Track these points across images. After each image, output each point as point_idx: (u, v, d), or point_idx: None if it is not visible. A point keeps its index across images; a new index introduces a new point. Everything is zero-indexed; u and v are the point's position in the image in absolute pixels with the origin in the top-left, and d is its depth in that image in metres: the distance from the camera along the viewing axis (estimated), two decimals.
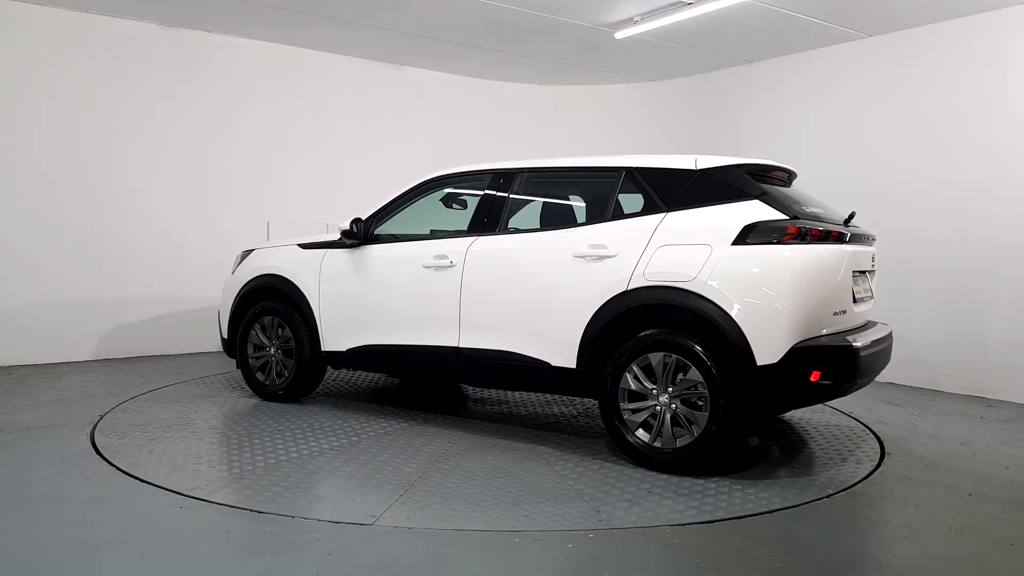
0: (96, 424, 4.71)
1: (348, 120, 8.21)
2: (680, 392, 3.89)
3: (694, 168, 4.12)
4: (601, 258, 4.09)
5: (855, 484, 3.89)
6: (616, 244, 4.07)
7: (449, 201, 5.12)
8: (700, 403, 3.84)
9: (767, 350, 3.69)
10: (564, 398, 5.76)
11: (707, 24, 6.62)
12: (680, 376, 3.88)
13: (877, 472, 4.11)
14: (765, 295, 3.72)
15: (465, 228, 4.80)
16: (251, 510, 3.34)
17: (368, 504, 3.46)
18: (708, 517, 3.37)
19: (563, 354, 4.19)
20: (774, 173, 4.35)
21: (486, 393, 5.86)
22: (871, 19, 6.46)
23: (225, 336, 5.64)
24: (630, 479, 3.87)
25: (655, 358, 3.93)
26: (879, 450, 4.53)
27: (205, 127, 7.40)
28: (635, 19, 6.54)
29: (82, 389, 5.70)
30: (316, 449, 4.28)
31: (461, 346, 4.55)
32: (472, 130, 8.92)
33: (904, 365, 6.60)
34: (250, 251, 5.68)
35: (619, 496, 3.62)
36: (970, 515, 3.49)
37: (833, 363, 3.74)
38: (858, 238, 4.24)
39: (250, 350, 5.45)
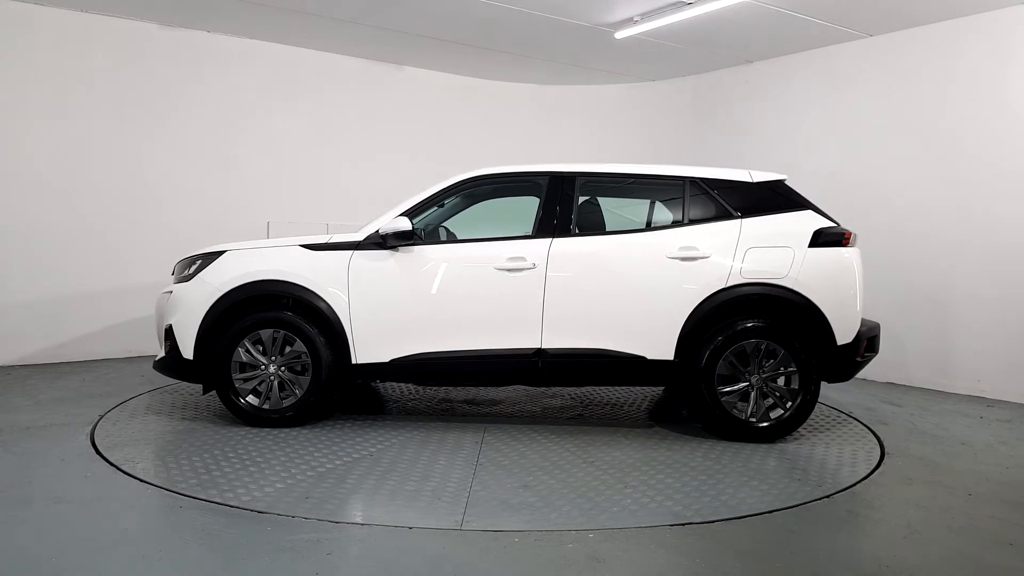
0: (96, 424, 4.71)
1: (348, 120, 8.21)
2: (772, 372, 4.57)
3: (751, 180, 4.83)
4: (695, 259, 4.58)
5: (855, 484, 3.89)
6: (707, 246, 4.60)
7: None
8: (789, 380, 4.57)
9: (844, 332, 4.57)
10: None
11: (707, 24, 6.62)
12: (770, 360, 4.56)
13: (877, 472, 4.11)
14: (840, 288, 4.59)
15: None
16: (251, 510, 3.34)
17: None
18: (708, 517, 3.37)
19: (661, 348, 4.58)
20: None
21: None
22: (871, 19, 6.46)
23: (190, 357, 4.63)
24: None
25: (749, 345, 4.55)
26: (879, 450, 4.54)
27: (205, 127, 7.40)
28: (635, 19, 6.54)
29: (82, 389, 5.70)
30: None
31: (545, 347, 4.56)
32: (472, 130, 8.92)
33: (904, 365, 6.62)
34: (214, 254, 4.78)
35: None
36: (970, 515, 3.49)
37: (873, 340, 4.78)
38: None
39: (235, 371, 4.64)
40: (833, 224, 4.70)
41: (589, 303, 4.57)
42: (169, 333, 4.71)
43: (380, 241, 4.63)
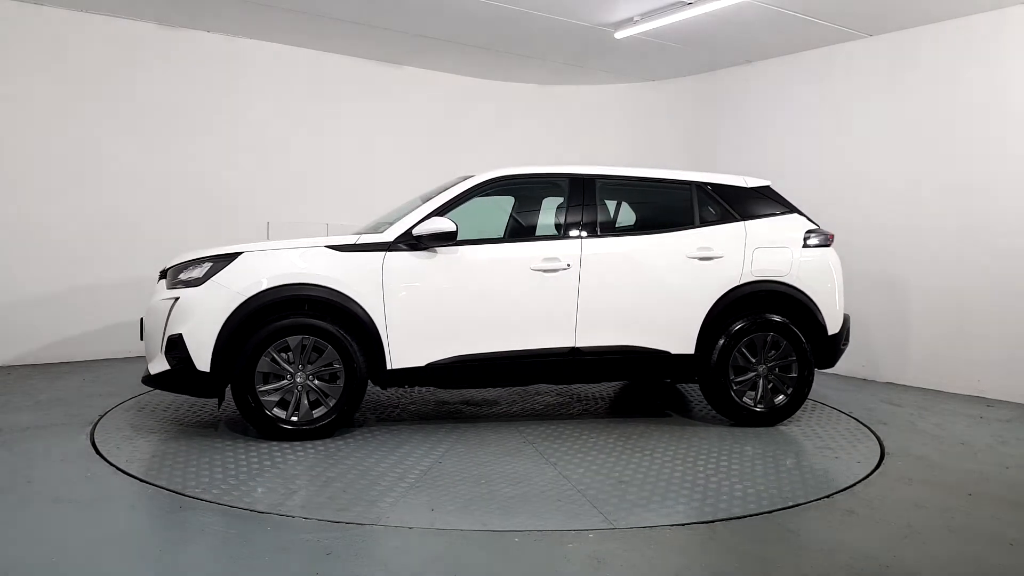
0: (96, 424, 4.71)
1: (348, 120, 8.21)
2: (776, 362, 4.96)
3: (746, 186, 5.21)
4: (711, 258, 4.91)
5: (855, 484, 3.90)
6: (720, 246, 4.94)
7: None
8: (789, 368, 4.97)
9: (833, 323, 5.08)
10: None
11: (707, 24, 6.62)
12: (772, 351, 4.94)
13: (877, 472, 4.12)
14: (829, 284, 5.08)
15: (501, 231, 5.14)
16: (251, 510, 3.34)
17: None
18: (708, 517, 3.38)
19: (683, 343, 4.87)
20: None
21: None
22: (871, 19, 6.46)
23: (207, 369, 4.24)
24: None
25: (759, 338, 4.93)
26: (879, 450, 4.54)
27: (205, 127, 7.40)
28: (635, 19, 6.54)
29: (82, 389, 5.70)
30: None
31: (578, 346, 4.71)
32: (472, 130, 8.92)
33: (903, 365, 6.62)
34: (228, 255, 4.39)
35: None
36: (970, 515, 3.49)
37: (849, 330, 5.28)
38: None
39: (258, 382, 4.31)
40: (817, 226, 5.20)
41: (620, 302, 4.78)
42: (176, 344, 4.24)
43: (414, 242, 4.50)
